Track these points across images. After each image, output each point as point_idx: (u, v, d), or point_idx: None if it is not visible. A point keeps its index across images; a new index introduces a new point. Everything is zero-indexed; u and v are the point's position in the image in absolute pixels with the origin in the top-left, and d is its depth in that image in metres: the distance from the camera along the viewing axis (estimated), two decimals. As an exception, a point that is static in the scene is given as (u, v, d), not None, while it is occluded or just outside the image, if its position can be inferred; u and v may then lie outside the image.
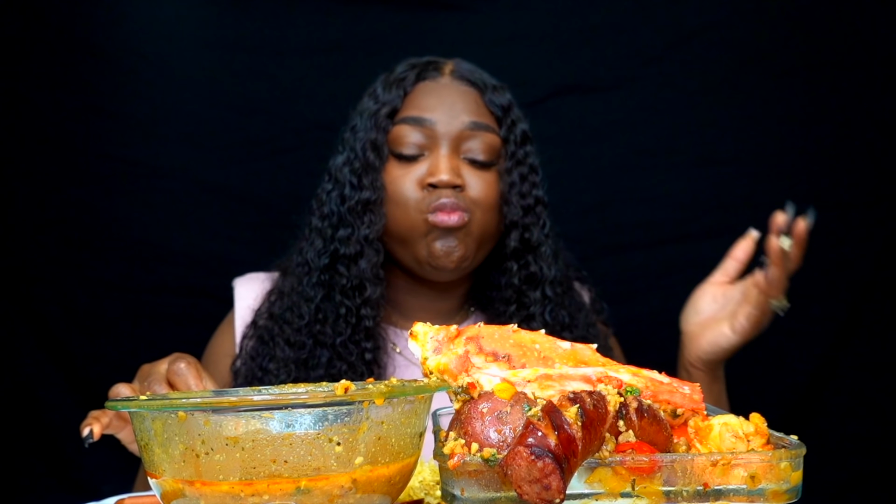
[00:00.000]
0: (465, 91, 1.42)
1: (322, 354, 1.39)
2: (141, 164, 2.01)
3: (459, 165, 1.38)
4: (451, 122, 1.38)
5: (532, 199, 1.44)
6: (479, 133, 1.39)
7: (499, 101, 1.43)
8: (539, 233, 1.45)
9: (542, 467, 0.63)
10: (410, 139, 1.38)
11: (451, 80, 1.43)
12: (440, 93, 1.41)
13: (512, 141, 1.42)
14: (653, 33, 2.08)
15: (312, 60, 2.05)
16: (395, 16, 2.05)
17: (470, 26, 2.07)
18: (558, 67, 2.09)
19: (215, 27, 2.05)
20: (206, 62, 2.04)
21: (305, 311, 1.40)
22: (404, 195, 1.37)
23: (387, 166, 1.39)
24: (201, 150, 2.04)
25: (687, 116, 2.09)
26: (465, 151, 1.39)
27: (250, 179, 2.04)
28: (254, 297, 1.51)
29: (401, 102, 1.41)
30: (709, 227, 2.09)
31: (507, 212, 1.42)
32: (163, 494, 0.73)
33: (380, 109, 1.40)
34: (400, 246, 1.41)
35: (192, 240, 2.02)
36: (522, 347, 0.83)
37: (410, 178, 1.37)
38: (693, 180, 2.08)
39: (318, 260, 1.41)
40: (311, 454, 0.69)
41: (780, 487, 0.72)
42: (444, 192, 1.35)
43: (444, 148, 1.37)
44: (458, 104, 1.40)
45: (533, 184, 1.44)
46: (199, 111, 2.03)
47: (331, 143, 2.02)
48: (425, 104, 1.40)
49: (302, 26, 2.04)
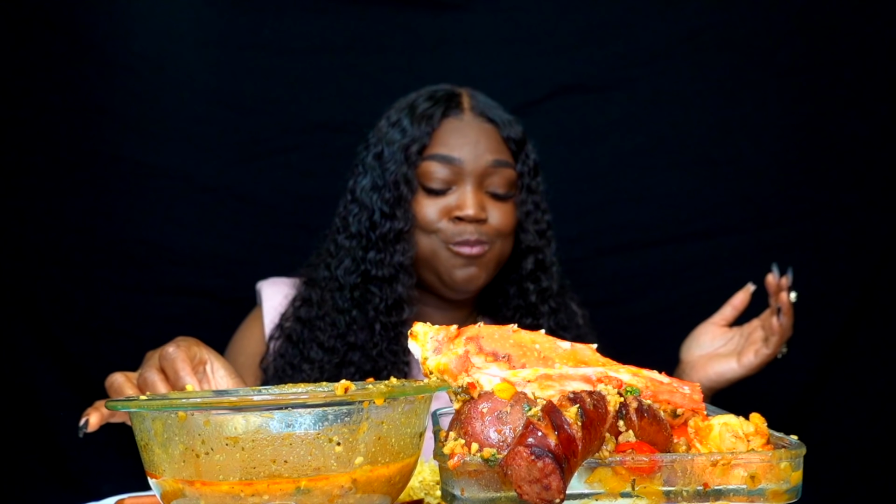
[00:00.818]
0: (487, 129, 1.55)
1: (354, 356, 1.53)
2: (141, 164, 2.00)
3: (483, 200, 1.53)
4: (476, 161, 1.52)
5: (544, 224, 1.62)
6: (500, 169, 1.54)
7: (514, 135, 1.58)
8: (551, 254, 1.63)
9: (542, 467, 0.63)
10: (439, 175, 1.51)
11: (473, 116, 1.56)
12: (465, 131, 1.54)
13: (527, 173, 1.58)
14: (653, 33, 2.08)
15: (312, 60, 2.05)
16: (396, 16, 2.05)
17: (470, 26, 2.07)
18: (558, 67, 2.09)
19: (215, 27, 2.05)
20: (206, 62, 2.04)
21: (341, 322, 1.53)
22: (432, 226, 1.52)
23: (416, 197, 1.53)
24: (201, 150, 2.03)
25: (687, 116, 2.09)
26: (488, 186, 1.53)
27: (250, 179, 2.04)
28: (280, 301, 1.62)
29: (429, 139, 1.53)
30: (709, 227, 2.09)
31: (524, 238, 1.60)
32: (163, 494, 0.73)
33: (410, 145, 1.53)
34: (425, 269, 1.56)
35: (192, 240, 2.02)
36: (522, 347, 0.83)
37: (438, 209, 1.52)
38: (693, 180, 2.08)
39: (349, 277, 1.54)
40: (311, 454, 0.69)
41: (780, 487, 0.72)
42: (468, 225, 1.50)
43: (470, 184, 1.51)
44: (482, 143, 1.53)
45: (544, 210, 1.62)
46: (198, 111, 2.03)
47: (331, 143, 2.03)
48: (452, 142, 1.53)
49: (302, 26, 2.04)
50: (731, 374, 1.51)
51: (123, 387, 1.07)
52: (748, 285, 1.59)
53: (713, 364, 1.52)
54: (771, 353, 1.49)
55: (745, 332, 1.55)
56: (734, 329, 1.58)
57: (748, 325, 1.55)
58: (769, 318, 1.50)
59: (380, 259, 1.53)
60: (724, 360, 1.52)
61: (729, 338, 1.56)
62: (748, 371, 1.50)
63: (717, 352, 1.55)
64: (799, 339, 2.02)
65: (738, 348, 1.53)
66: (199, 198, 2.03)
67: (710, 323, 1.60)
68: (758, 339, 1.51)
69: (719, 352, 1.55)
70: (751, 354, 1.50)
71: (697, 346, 1.58)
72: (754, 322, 1.55)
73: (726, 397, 1.49)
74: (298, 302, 1.58)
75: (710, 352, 1.56)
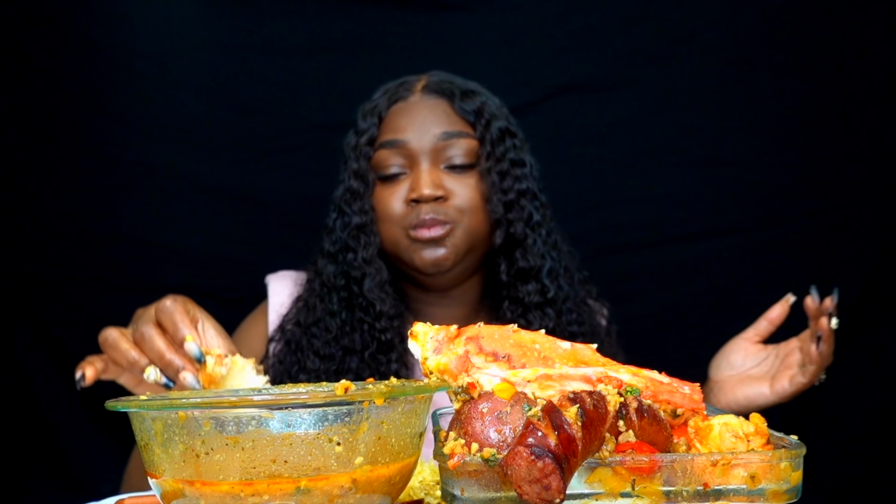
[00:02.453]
0: (435, 104, 1.48)
1: (352, 361, 1.48)
2: (141, 164, 2.01)
3: (441, 177, 1.44)
4: (422, 138, 1.45)
5: (514, 194, 1.48)
6: (453, 141, 1.45)
7: (469, 106, 1.48)
8: (523, 226, 1.49)
9: (542, 467, 0.63)
10: (390, 161, 1.46)
11: (421, 96, 1.50)
12: (410, 111, 1.48)
13: (488, 141, 1.47)
14: (653, 33, 2.08)
15: (312, 60, 2.05)
16: (396, 16, 2.05)
17: (470, 26, 2.07)
18: (558, 67, 2.09)
19: (215, 27, 2.05)
20: (206, 62, 2.04)
21: (333, 325, 1.49)
22: (390, 213, 1.46)
23: (375, 190, 1.48)
24: (201, 150, 2.04)
25: (687, 116, 2.09)
26: (444, 161, 1.45)
27: (250, 179, 2.04)
28: (287, 295, 1.59)
29: (377, 129, 1.49)
30: (709, 227, 2.09)
31: (490, 210, 1.47)
32: (163, 494, 0.73)
33: (360, 139, 1.49)
34: (396, 260, 1.49)
35: (192, 240, 2.02)
36: (522, 347, 0.83)
37: (396, 196, 1.45)
38: (693, 180, 2.08)
39: (335, 280, 1.51)
40: (311, 454, 0.69)
41: (780, 487, 0.72)
42: (425, 207, 1.42)
43: (423, 163, 1.44)
44: (429, 118, 1.46)
45: (516, 178, 1.49)
46: (199, 111, 2.03)
47: (331, 143, 2.02)
48: (398, 125, 1.47)
49: (302, 26, 2.04)
50: (761, 400, 1.38)
51: (119, 341, 1.09)
52: (787, 297, 1.42)
53: (743, 387, 1.40)
54: (807, 382, 1.35)
55: (781, 352, 1.41)
56: (769, 347, 1.43)
57: (785, 345, 1.41)
58: (807, 341, 1.35)
59: (352, 259, 1.49)
60: (756, 383, 1.39)
61: (763, 357, 1.42)
62: (781, 399, 1.37)
63: (748, 373, 1.42)
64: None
65: (773, 371, 1.40)
66: (199, 198, 2.03)
67: (742, 339, 1.45)
68: (794, 363, 1.38)
69: (751, 373, 1.42)
70: (785, 381, 1.37)
71: (728, 364, 1.44)
72: (792, 342, 1.40)
73: (726, 397, 1.49)
74: (301, 303, 1.56)
75: (742, 372, 1.42)
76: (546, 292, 1.50)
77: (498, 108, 1.52)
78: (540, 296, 1.50)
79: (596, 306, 1.65)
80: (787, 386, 1.36)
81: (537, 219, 1.51)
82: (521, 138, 1.54)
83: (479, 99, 1.50)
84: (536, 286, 1.49)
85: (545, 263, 1.50)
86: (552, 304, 1.51)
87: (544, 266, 1.50)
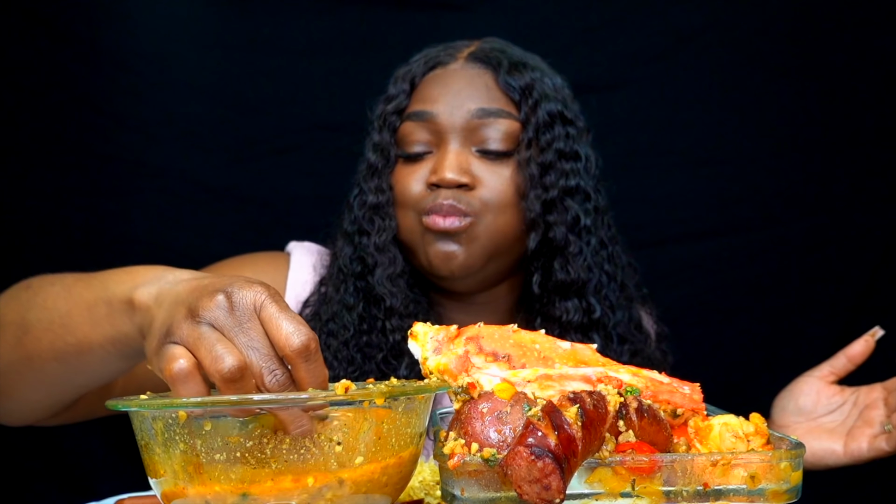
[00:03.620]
0: (476, 74, 1.25)
1: (371, 372, 1.26)
2: (141, 164, 2.00)
3: (469, 160, 1.22)
4: (454, 113, 1.22)
5: (557, 192, 1.24)
6: (491, 120, 1.22)
7: (516, 81, 1.25)
8: (565, 231, 1.25)
9: (542, 467, 0.63)
10: (416, 136, 1.25)
11: (464, 64, 1.27)
12: (447, 80, 1.25)
13: (532, 125, 1.24)
14: (653, 33, 2.08)
15: (312, 60, 2.05)
16: (396, 16, 2.05)
17: (470, 26, 2.07)
18: (559, 67, 2.09)
19: (215, 27, 2.05)
20: (206, 62, 2.04)
21: (349, 321, 1.28)
22: (407, 196, 1.25)
23: (396, 168, 1.28)
24: (201, 150, 2.03)
25: (687, 116, 2.09)
26: (477, 142, 1.23)
27: (250, 179, 2.04)
28: (308, 272, 1.37)
29: (407, 99, 1.28)
30: (709, 227, 2.09)
31: (525, 208, 1.23)
32: (163, 494, 0.73)
33: (386, 107, 1.29)
34: (410, 254, 1.29)
35: (192, 240, 2.02)
36: (522, 347, 0.83)
37: (416, 178, 1.25)
38: (693, 180, 2.08)
39: (351, 265, 1.30)
40: (311, 454, 0.69)
41: (780, 487, 0.72)
42: (445, 192, 1.20)
43: (451, 142, 1.22)
44: (465, 90, 1.24)
45: (563, 172, 1.25)
46: (199, 111, 2.03)
47: (331, 143, 2.03)
48: (429, 95, 1.25)
49: (302, 26, 2.04)
50: (832, 459, 1.15)
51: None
52: (874, 330, 1.21)
53: (812, 439, 1.16)
54: (890, 451, 1.11)
55: (861, 401, 1.17)
56: (847, 391, 1.20)
57: (867, 391, 1.17)
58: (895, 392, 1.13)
59: (367, 243, 1.28)
60: (828, 438, 1.16)
61: (838, 403, 1.19)
62: (854, 462, 1.14)
63: (819, 422, 1.19)
64: (799, 340, 2.03)
65: (849, 424, 1.16)
66: (199, 198, 2.03)
67: (815, 377, 1.21)
68: (875, 419, 1.13)
69: (823, 423, 1.18)
70: (863, 442, 1.12)
71: (796, 408, 1.21)
72: (875, 390, 1.16)
73: (726, 397, 1.49)
74: (322, 289, 1.34)
75: (812, 420, 1.19)
76: (592, 312, 1.26)
77: (555, 89, 1.30)
78: (583, 315, 1.26)
79: (651, 330, 1.44)
80: (864, 449, 1.13)
81: (586, 223, 1.27)
82: (581, 127, 1.32)
83: (531, 74, 1.26)
84: (578, 304, 1.26)
85: (592, 277, 1.27)
86: (598, 326, 1.28)
87: (591, 281, 1.27)
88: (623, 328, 1.30)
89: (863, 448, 1.13)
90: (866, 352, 1.21)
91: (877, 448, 1.12)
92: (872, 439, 1.13)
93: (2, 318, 1.05)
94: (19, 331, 1.00)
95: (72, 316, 0.93)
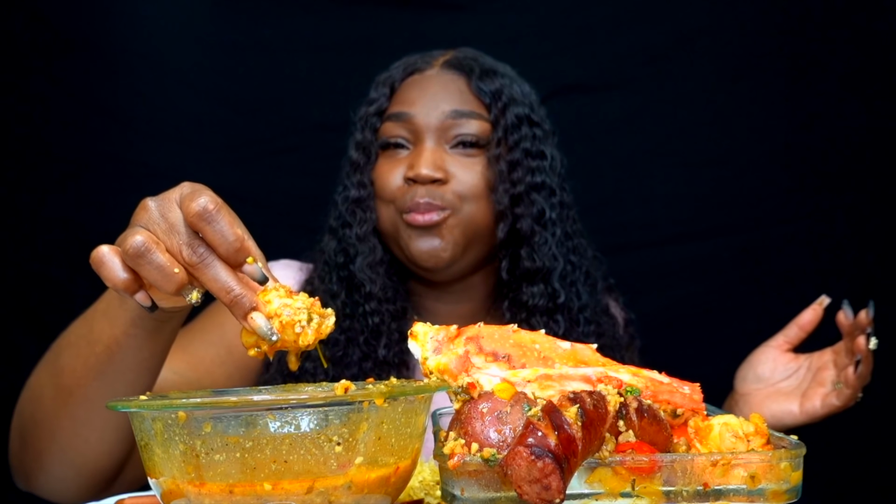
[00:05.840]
0: (450, 79, 1.38)
1: (354, 353, 1.36)
2: (140, 164, 2.00)
3: (444, 157, 1.34)
4: (430, 114, 1.35)
5: (524, 187, 1.36)
6: (463, 121, 1.35)
7: (487, 86, 1.37)
8: (531, 222, 1.36)
9: (542, 467, 0.63)
10: (395, 134, 1.37)
11: (440, 70, 1.39)
12: (423, 85, 1.38)
13: (501, 126, 1.36)
14: (653, 33, 2.08)
15: (312, 60, 2.05)
16: (395, 16, 2.05)
17: (470, 26, 2.07)
18: (558, 67, 2.09)
19: (215, 27, 2.05)
20: (206, 62, 2.04)
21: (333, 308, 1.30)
22: (386, 190, 1.36)
23: (377, 163, 1.40)
24: (200, 150, 2.04)
25: (687, 116, 2.09)
26: (450, 140, 1.35)
27: (250, 179, 2.04)
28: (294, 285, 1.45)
29: (387, 101, 1.40)
30: (709, 227, 2.09)
31: (495, 200, 1.35)
32: (163, 494, 0.73)
33: (368, 109, 1.41)
34: (392, 244, 1.40)
35: (192, 240, 2.02)
36: (522, 347, 0.83)
37: (395, 172, 1.36)
38: (693, 180, 2.08)
39: (335, 257, 1.41)
40: (311, 454, 0.69)
41: (780, 487, 0.72)
42: (421, 189, 1.32)
43: (427, 141, 1.34)
44: (440, 94, 1.36)
45: (529, 169, 1.37)
46: (199, 111, 2.03)
47: (331, 143, 2.02)
48: (408, 98, 1.38)
49: (302, 26, 2.04)
50: (789, 419, 1.28)
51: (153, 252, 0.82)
52: (821, 299, 1.32)
53: (771, 403, 1.29)
54: (841, 406, 1.24)
55: (814, 365, 1.30)
56: (801, 357, 1.32)
57: (818, 356, 1.30)
58: (842, 354, 1.25)
59: (348, 235, 1.39)
60: (785, 400, 1.28)
61: (793, 369, 1.31)
62: (810, 420, 1.26)
63: (777, 387, 1.31)
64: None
65: (803, 386, 1.29)
66: (198, 198, 2.03)
67: (771, 346, 1.34)
68: (827, 379, 1.27)
69: (780, 387, 1.31)
70: (816, 400, 1.26)
71: (755, 376, 1.33)
72: (826, 354, 1.30)
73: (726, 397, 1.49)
74: (309, 288, 1.43)
75: (770, 386, 1.31)
76: (556, 297, 1.37)
77: (522, 94, 1.41)
78: (548, 300, 1.37)
79: (619, 316, 1.55)
80: (818, 406, 1.26)
81: (551, 216, 1.38)
82: (547, 130, 1.43)
83: (501, 80, 1.39)
84: (544, 289, 1.37)
85: (556, 265, 1.37)
86: (564, 310, 1.38)
87: (555, 268, 1.37)
88: (589, 313, 1.40)
89: (816, 406, 1.26)
90: (815, 320, 1.32)
91: (829, 404, 1.25)
92: (825, 397, 1.26)
93: (39, 381, 1.13)
94: (54, 378, 1.08)
95: (93, 329, 1.02)
